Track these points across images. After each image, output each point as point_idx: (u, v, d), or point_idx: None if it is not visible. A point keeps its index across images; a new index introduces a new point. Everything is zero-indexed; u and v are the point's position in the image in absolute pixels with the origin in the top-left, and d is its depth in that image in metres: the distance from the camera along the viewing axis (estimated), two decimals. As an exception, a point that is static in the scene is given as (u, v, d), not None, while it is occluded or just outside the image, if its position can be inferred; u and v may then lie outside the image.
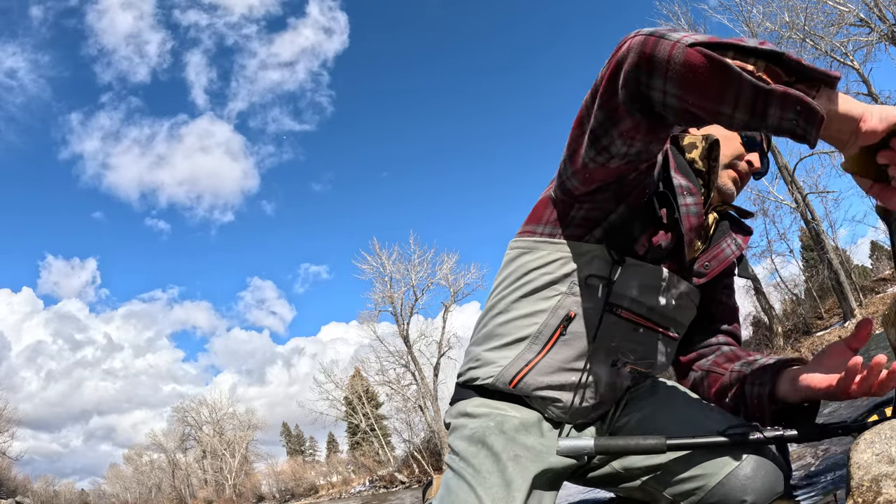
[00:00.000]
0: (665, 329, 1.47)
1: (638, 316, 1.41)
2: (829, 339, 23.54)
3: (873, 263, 34.53)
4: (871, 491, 1.11)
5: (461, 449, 1.39)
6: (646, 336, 1.45)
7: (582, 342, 1.40)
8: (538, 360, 1.40)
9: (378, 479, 43.18)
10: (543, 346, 1.40)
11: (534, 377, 1.41)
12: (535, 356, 1.41)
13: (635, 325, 1.42)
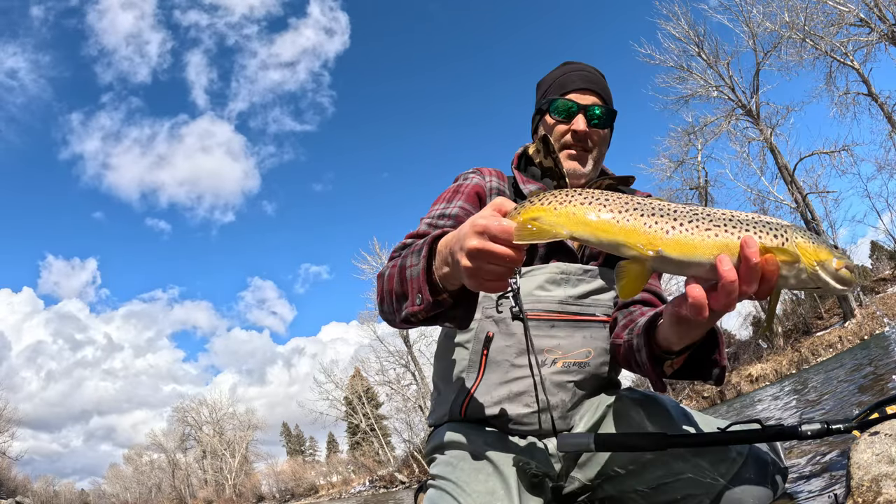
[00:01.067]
0: (587, 316, 1.56)
1: (549, 313, 1.54)
2: (829, 339, 23.52)
3: (873, 263, 34.47)
4: (871, 491, 1.11)
5: (440, 471, 1.46)
6: (565, 329, 1.55)
7: (507, 354, 1.53)
8: (476, 385, 1.55)
9: (378, 479, 43.14)
10: (477, 373, 1.55)
11: (478, 401, 1.54)
12: (472, 384, 1.55)
13: (550, 322, 1.54)
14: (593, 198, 1.01)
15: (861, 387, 7.30)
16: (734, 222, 0.96)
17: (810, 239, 0.96)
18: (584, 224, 1.00)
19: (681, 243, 0.95)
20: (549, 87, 1.78)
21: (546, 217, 1.02)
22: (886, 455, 1.14)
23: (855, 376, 9.23)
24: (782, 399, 10.76)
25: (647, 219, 0.97)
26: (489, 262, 1.02)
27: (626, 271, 0.98)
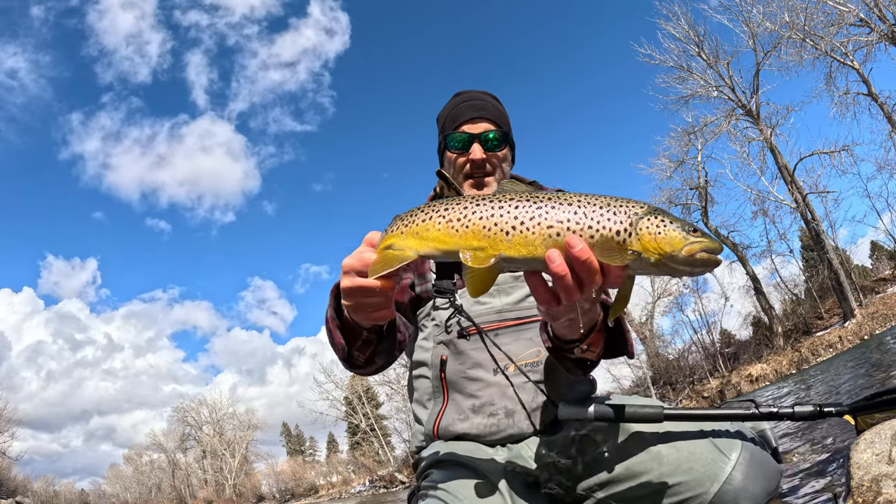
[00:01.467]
0: (527, 318, 1.65)
1: (490, 323, 1.64)
2: (830, 339, 23.52)
3: (873, 263, 34.48)
4: (871, 491, 1.11)
5: (432, 482, 1.50)
6: (509, 335, 1.64)
7: (462, 372, 1.64)
8: (444, 407, 1.66)
9: (378, 479, 43.14)
10: (442, 396, 1.67)
11: (448, 420, 1.64)
12: (441, 407, 1.66)
13: (494, 332, 1.64)
14: (434, 211, 1.04)
15: (864, 385, 7.30)
16: (578, 216, 0.96)
17: (658, 229, 0.95)
18: (425, 241, 1.04)
19: (519, 245, 0.97)
20: (444, 123, 1.90)
21: (397, 242, 1.06)
22: (886, 455, 1.14)
23: (858, 371, 9.23)
24: (782, 399, 10.76)
25: (487, 221, 0.99)
26: (365, 297, 1.11)
27: (472, 272, 0.99)
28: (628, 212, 0.97)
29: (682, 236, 0.95)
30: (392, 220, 1.13)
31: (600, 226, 0.96)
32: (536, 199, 1.00)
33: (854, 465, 1.19)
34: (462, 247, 1.00)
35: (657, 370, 32.79)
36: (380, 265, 1.04)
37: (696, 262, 0.95)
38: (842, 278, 24.22)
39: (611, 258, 0.95)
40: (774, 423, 1.37)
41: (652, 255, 0.95)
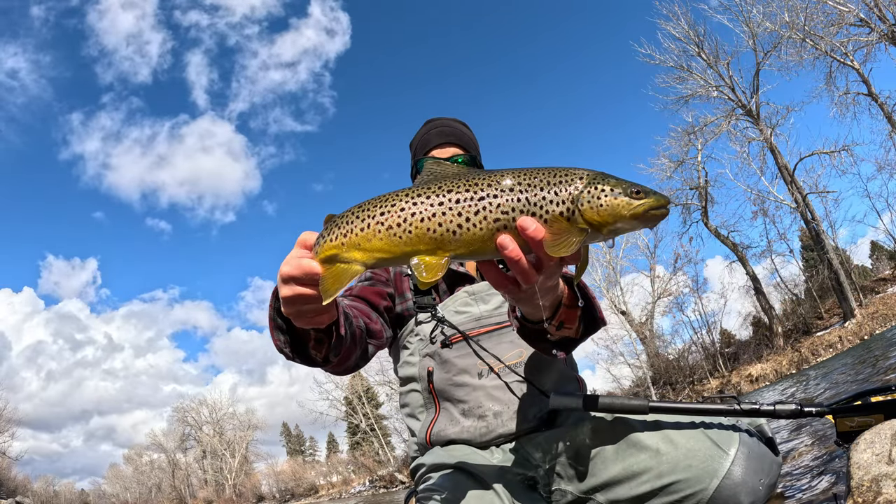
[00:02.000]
0: (505, 322, 1.69)
1: (470, 331, 1.68)
2: (830, 339, 23.51)
3: (873, 263, 34.50)
4: (871, 491, 1.11)
5: (430, 486, 1.51)
6: (490, 340, 1.68)
7: (449, 380, 1.68)
8: (436, 417, 1.70)
9: (378, 479, 43.14)
10: (434, 406, 1.72)
11: (439, 427, 1.69)
12: (433, 417, 1.71)
13: (475, 339, 1.69)
14: (371, 217, 0.99)
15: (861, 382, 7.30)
16: (522, 203, 0.95)
17: (599, 201, 0.96)
18: (369, 252, 0.99)
19: (468, 243, 0.95)
20: (416, 149, 2.01)
21: (340, 254, 1.01)
22: (886, 455, 1.14)
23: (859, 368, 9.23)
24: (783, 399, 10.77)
25: (430, 223, 0.96)
26: (305, 304, 1.09)
27: (424, 266, 0.96)
28: (568, 188, 0.97)
29: (625, 202, 0.96)
30: (325, 223, 1.08)
31: (544, 210, 0.96)
32: (475, 187, 0.97)
33: (854, 465, 1.19)
34: (409, 253, 0.97)
35: (657, 370, 32.78)
36: (331, 286, 1.00)
37: (645, 219, 0.98)
38: (842, 278, 24.22)
39: (562, 240, 0.95)
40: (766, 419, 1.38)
41: (600, 227, 0.97)
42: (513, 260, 0.96)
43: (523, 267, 0.98)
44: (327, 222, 1.07)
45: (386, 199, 1.00)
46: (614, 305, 33.18)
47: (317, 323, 1.16)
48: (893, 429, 1.19)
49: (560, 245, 0.94)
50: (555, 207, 0.96)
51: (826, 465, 3.11)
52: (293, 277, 1.05)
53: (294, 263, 1.04)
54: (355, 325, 1.48)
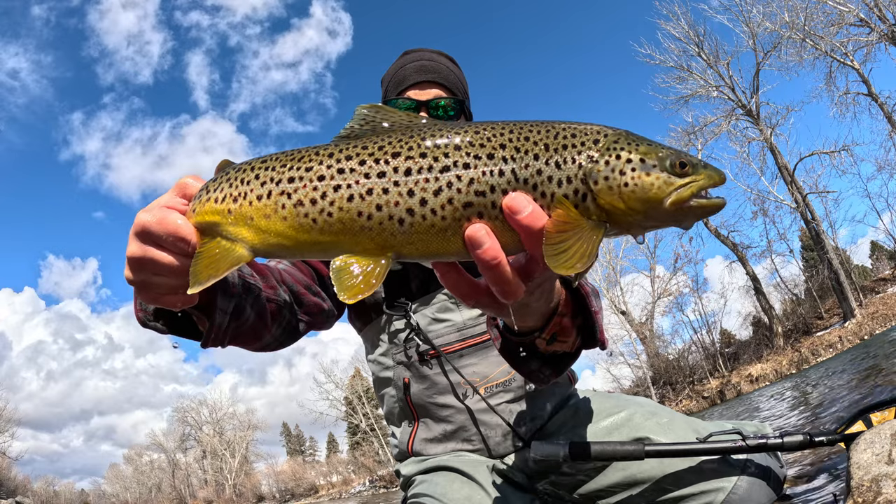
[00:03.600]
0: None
1: (452, 344, 1.46)
2: (830, 339, 23.50)
3: (873, 263, 34.48)
4: (871, 491, 1.11)
5: (419, 490, 1.46)
6: (474, 355, 1.47)
7: (428, 397, 1.51)
8: (416, 429, 1.55)
9: (378, 479, 43.11)
10: (412, 417, 1.55)
11: (419, 440, 1.55)
12: (412, 428, 1.55)
13: (458, 353, 1.47)
14: (275, 183, 0.69)
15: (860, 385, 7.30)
16: (507, 178, 0.65)
17: (625, 178, 0.65)
18: (265, 232, 0.70)
19: (422, 237, 0.66)
20: (387, 87, 1.55)
21: (223, 225, 0.72)
22: (886, 455, 1.13)
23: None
24: (782, 400, 10.77)
25: (366, 205, 0.65)
26: (155, 275, 0.77)
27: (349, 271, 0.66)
28: (577, 156, 0.66)
29: (664, 181, 0.65)
30: (217, 171, 0.79)
31: (539, 192, 0.65)
32: (435, 150, 0.66)
33: (854, 465, 1.19)
34: (326, 248, 0.68)
35: (657, 370, 32.76)
36: (203, 269, 0.70)
37: (689, 211, 0.66)
38: (842, 278, 24.20)
39: (569, 241, 0.63)
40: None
41: (623, 220, 0.66)
42: (489, 264, 0.64)
43: (504, 275, 0.66)
44: (219, 171, 0.79)
45: (301, 156, 0.70)
46: (614, 305, 33.15)
47: (166, 304, 0.82)
48: (893, 429, 1.19)
49: (565, 248, 0.63)
50: (554, 187, 0.65)
51: (826, 465, 3.10)
52: (149, 233, 0.74)
53: (158, 214, 0.74)
54: (268, 298, 1.14)
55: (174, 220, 0.74)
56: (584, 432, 1.47)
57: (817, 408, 6.97)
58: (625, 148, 0.67)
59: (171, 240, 0.74)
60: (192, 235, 0.74)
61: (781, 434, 1.28)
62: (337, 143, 0.71)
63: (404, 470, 1.59)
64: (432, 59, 1.55)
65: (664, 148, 0.68)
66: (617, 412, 1.48)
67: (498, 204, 0.65)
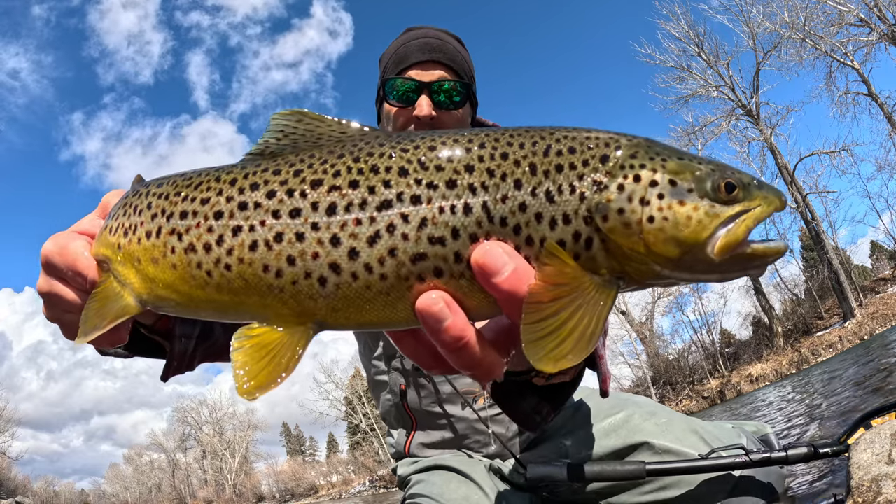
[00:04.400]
0: None
1: None
2: (830, 339, 23.50)
3: (873, 263, 34.48)
4: (871, 491, 1.11)
5: (416, 490, 1.46)
6: None
7: (426, 404, 1.51)
8: (413, 434, 1.56)
9: (378, 479, 43.11)
10: (409, 421, 1.56)
11: (417, 445, 1.56)
12: (409, 432, 1.57)
13: None
14: (164, 215, 0.55)
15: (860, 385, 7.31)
16: (477, 210, 0.47)
17: (647, 209, 0.46)
18: (152, 280, 0.55)
19: (354, 303, 0.48)
20: (386, 65, 1.41)
21: (113, 262, 0.59)
22: (886, 455, 1.14)
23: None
24: (782, 400, 10.77)
25: (273, 255, 0.49)
26: (67, 312, 0.67)
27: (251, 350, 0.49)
28: (579, 184, 0.47)
29: (705, 212, 0.46)
30: (131, 188, 0.66)
31: (524, 236, 0.46)
32: (377, 180, 0.48)
33: (854, 465, 1.19)
34: (223, 309, 0.52)
35: (657, 370, 32.76)
36: (91, 319, 0.58)
37: (741, 260, 0.47)
38: (842, 278, 24.20)
39: (551, 312, 0.44)
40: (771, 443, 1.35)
41: (642, 270, 0.47)
42: (452, 346, 0.47)
43: (473, 357, 0.48)
44: (125, 197, 0.64)
45: (199, 181, 0.55)
46: (614, 305, 33.16)
47: (92, 343, 0.70)
48: (893, 429, 1.20)
49: (555, 328, 0.44)
50: (545, 229, 0.46)
51: (826, 465, 3.10)
52: (52, 265, 0.65)
53: (62, 241, 0.65)
54: None
55: (75, 250, 0.63)
56: (582, 434, 1.47)
57: (816, 409, 6.97)
58: (646, 165, 0.47)
59: (70, 274, 0.63)
60: (89, 270, 0.62)
61: (785, 447, 1.25)
62: (245, 163, 0.55)
63: (401, 469, 1.59)
64: (438, 36, 1.39)
65: (701, 162, 0.49)
66: (616, 413, 1.47)
67: (464, 256, 0.46)
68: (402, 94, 1.32)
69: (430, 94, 1.32)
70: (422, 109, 1.30)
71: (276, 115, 0.55)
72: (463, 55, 1.41)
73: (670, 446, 1.35)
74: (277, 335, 0.49)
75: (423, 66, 1.34)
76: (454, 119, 1.34)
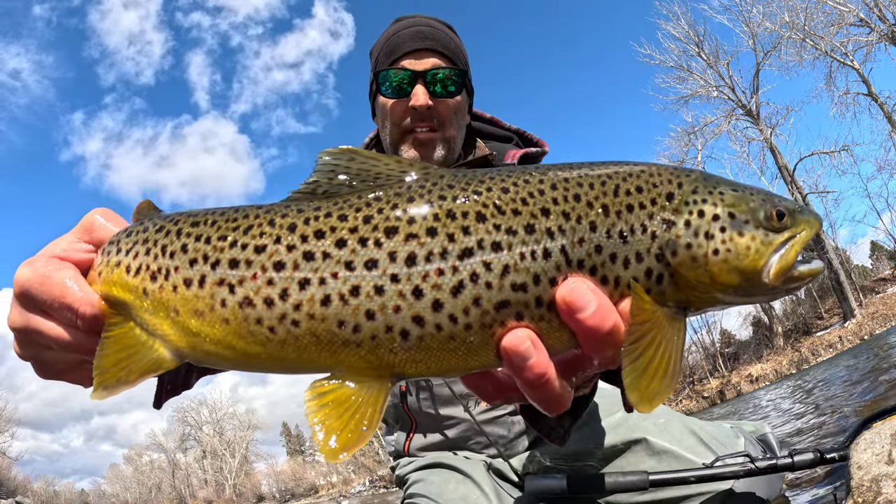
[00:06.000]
0: None
1: None
2: (830, 339, 23.50)
3: (873, 263, 34.47)
4: (871, 491, 1.11)
5: (415, 490, 1.46)
6: None
7: (427, 406, 1.49)
8: (412, 433, 1.56)
9: (378, 479, 43.11)
10: (409, 422, 1.56)
11: (416, 446, 1.56)
12: (409, 432, 1.57)
13: None
14: (209, 264, 0.49)
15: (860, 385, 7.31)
16: (556, 255, 0.47)
17: (714, 244, 0.49)
18: (195, 335, 0.49)
19: (437, 353, 0.47)
20: (378, 56, 1.37)
21: (137, 308, 0.53)
22: (886, 455, 1.14)
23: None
24: (781, 401, 10.76)
25: (349, 310, 0.46)
26: (47, 348, 0.59)
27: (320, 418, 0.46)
28: (650, 223, 0.48)
29: (761, 241, 0.49)
30: (134, 218, 0.60)
31: (599, 277, 0.48)
32: (455, 227, 0.47)
33: (854, 465, 1.19)
34: (289, 366, 0.48)
35: (657, 370, 32.76)
36: (112, 370, 0.53)
37: (792, 282, 0.50)
38: (842, 278, 24.20)
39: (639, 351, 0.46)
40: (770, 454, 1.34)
41: (705, 298, 0.50)
42: (535, 383, 0.48)
43: (553, 391, 0.50)
44: (136, 218, 0.60)
45: (248, 224, 0.50)
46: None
47: (72, 381, 0.65)
48: (893, 429, 1.20)
49: (644, 366, 0.46)
50: (619, 268, 0.48)
51: (826, 465, 3.11)
52: (30, 296, 0.56)
53: (43, 269, 0.56)
54: None
55: (61, 280, 0.55)
56: (584, 432, 1.47)
57: (816, 409, 6.97)
58: (707, 199, 0.50)
59: (56, 307, 0.55)
60: (89, 307, 0.54)
61: (791, 453, 1.24)
62: (298, 205, 0.50)
63: (400, 469, 1.60)
64: (429, 24, 1.36)
65: (753, 192, 0.52)
66: (615, 410, 1.47)
67: (544, 300, 0.47)
68: (395, 85, 1.30)
69: (426, 83, 1.28)
70: (418, 99, 1.28)
71: (325, 152, 0.53)
72: (456, 42, 1.37)
73: (668, 447, 1.35)
74: (352, 390, 0.46)
75: (415, 54, 1.30)
76: (451, 108, 1.31)
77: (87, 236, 0.61)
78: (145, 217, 0.58)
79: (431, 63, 1.29)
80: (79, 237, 0.61)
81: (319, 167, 0.52)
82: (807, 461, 1.22)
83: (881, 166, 26.03)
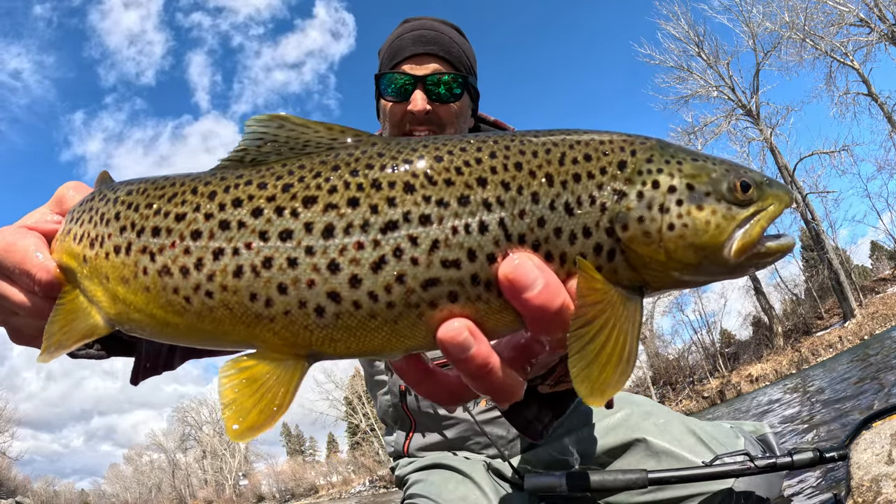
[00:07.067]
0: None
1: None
2: (830, 339, 23.50)
3: (873, 263, 34.47)
4: (871, 491, 1.11)
5: (414, 490, 1.46)
6: None
7: (427, 406, 1.50)
8: (412, 434, 1.57)
9: (378, 479, 43.10)
10: (409, 422, 1.56)
11: (416, 446, 1.56)
12: (408, 432, 1.58)
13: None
14: (134, 230, 0.49)
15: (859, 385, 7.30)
16: (493, 226, 0.43)
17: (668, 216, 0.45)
18: (121, 301, 0.49)
19: (358, 332, 0.44)
20: (383, 58, 1.39)
21: (79, 273, 0.54)
22: (886, 455, 1.14)
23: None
24: (781, 401, 10.76)
25: (261, 283, 0.44)
26: (14, 314, 0.62)
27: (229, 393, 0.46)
28: (599, 194, 0.44)
29: (722, 216, 0.45)
30: (96, 188, 0.61)
31: (543, 253, 0.44)
32: (379, 198, 0.44)
33: (854, 465, 1.19)
34: (204, 336, 0.47)
35: (657, 370, 32.75)
36: (56, 334, 0.53)
37: (756, 259, 0.47)
38: (842, 278, 24.20)
39: (590, 335, 0.42)
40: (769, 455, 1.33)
41: (661, 277, 0.46)
42: (478, 373, 0.45)
43: (496, 381, 0.46)
44: (96, 185, 0.62)
45: (173, 192, 0.50)
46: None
47: (27, 343, 0.68)
48: (893, 429, 1.20)
49: (595, 352, 0.42)
50: (564, 243, 0.44)
51: (826, 465, 3.11)
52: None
53: (10, 237, 0.59)
54: None
55: (24, 247, 0.58)
56: (582, 433, 1.47)
57: (816, 409, 6.97)
58: (663, 169, 0.46)
59: (17, 272, 0.58)
60: (45, 273, 0.56)
61: (790, 452, 1.23)
62: (223, 173, 0.49)
63: (400, 469, 1.60)
64: (434, 27, 1.35)
65: (715, 162, 0.48)
66: (614, 412, 1.48)
67: (482, 278, 0.43)
68: (396, 88, 1.31)
69: (425, 88, 1.30)
70: (416, 104, 1.29)
71: (253, 119, 0.50)
72: (460, 45, 1.37)
73: (668, 447, 1.35)
74: (268, 368, 0.44)
75: (417, 59, 1.32)
76: (451, 113, 1.32)
77: (57, 208, 0.64)
78: (102, 186, 0.60)
79: (432, 68, 1.31)
80: (51, 209, 0.64)
81: (247, 135, 0.50)
82: (806, 460, 1.23)
83: (881, 166, 26.07)
